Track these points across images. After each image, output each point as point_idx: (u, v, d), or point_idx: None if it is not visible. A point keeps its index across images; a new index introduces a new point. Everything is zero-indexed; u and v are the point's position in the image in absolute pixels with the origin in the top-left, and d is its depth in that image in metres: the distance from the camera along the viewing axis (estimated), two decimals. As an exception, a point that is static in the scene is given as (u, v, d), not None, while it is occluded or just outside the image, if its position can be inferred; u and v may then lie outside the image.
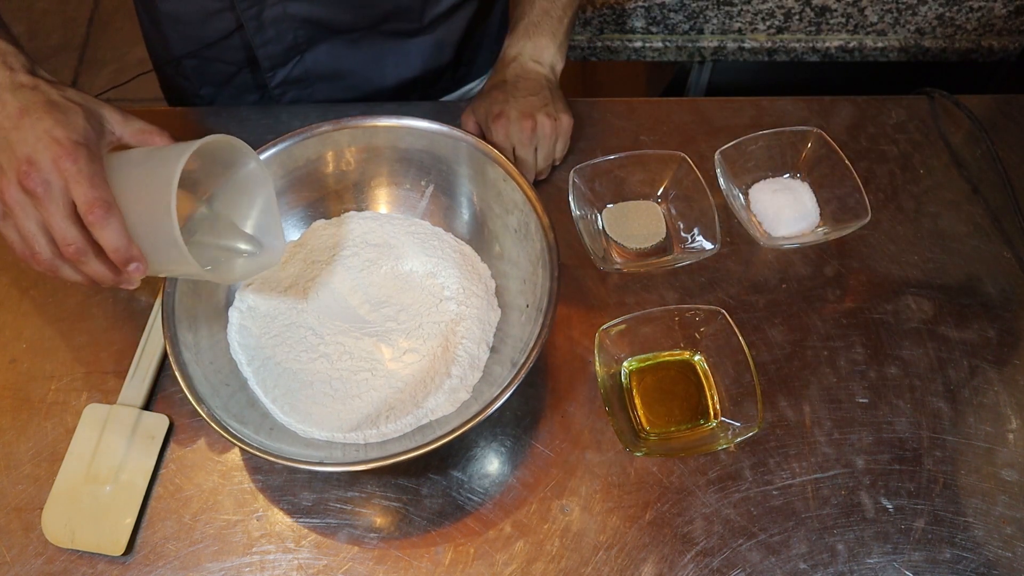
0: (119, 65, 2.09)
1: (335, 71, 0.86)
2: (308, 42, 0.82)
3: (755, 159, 0.79)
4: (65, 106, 0.53)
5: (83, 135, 0.52)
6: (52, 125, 0.51)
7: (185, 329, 0.61)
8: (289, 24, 0.79)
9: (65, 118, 0.52)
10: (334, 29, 0.81)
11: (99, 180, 0.51)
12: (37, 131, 0.51)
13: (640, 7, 1.05)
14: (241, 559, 0.61)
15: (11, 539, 0.62)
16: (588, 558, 0.61)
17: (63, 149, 0.50)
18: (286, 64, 0.83)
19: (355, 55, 0.85)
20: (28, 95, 0.53)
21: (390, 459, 0.55)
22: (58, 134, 0.51)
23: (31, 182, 0.50)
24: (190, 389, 0.57)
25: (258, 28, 0.78)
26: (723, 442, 0.64)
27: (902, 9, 1.05)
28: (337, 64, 0.85)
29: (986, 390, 0.69)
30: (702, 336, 0.68)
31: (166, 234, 0.51)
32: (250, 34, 0.79)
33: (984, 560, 0.61)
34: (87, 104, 0.55)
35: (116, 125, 0.57)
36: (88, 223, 0.51)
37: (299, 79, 0.85)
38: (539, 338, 0.59)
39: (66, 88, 0.56)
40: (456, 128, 0.69)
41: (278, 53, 0.81)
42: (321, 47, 0.83)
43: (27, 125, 0.51)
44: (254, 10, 0.76)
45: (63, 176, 0.50)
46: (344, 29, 0.82)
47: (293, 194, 0.72)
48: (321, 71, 0.85)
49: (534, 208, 0.64)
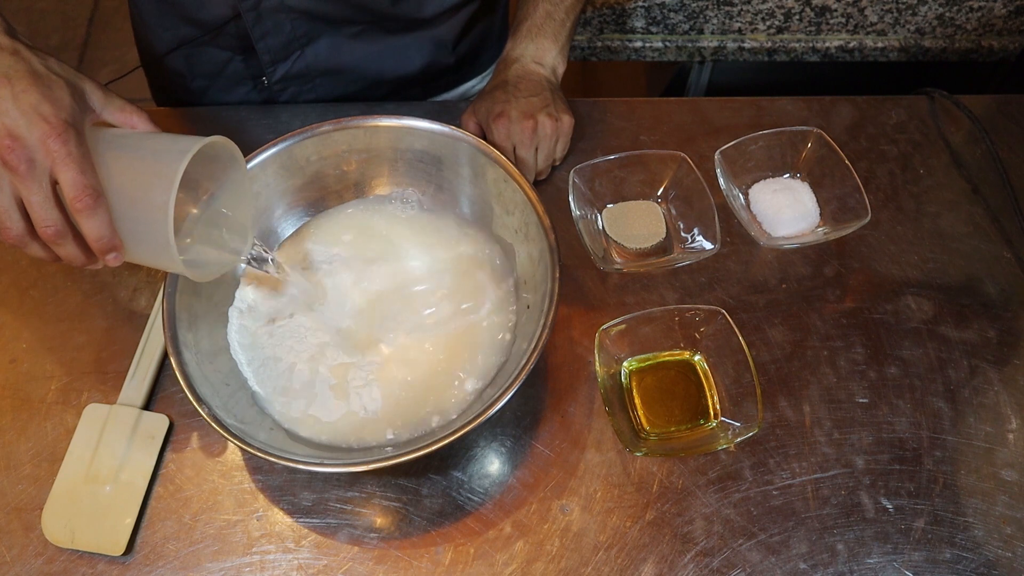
0: (119, 65, 2.09)
1: (336, 66, 0.86)
2: (308, 36, 0.82)
3: (755, 159, 0.79)
4: (49, 79, 0.51)
5: (70, 113, 0.51)
6: (39, 100, 0.50)
7: (185, 329, 0.61)
8: (287, 15, 0.79)
9: (51, 93, 0.50)
10: (334, 23, 0.81)
11: (87, 166, 0.50)
12: (22, 104, 0.49)
13: (640, 7, 1.05)
14: (241, 559, 0.61)
15: (11, 539, 0.62)
16: (588, 558, 0.61)
17: (52, 128, 0.49)
18: (287, 59, 0.83)
19: (356, 50, 0.85)
20: (9, 61, 0.51)
21: (390, 460, 0.55)
22: (45, 111, 0.49)
23: (14, 158, 0.48)
24: (190, 389, 0.57)
25: (256, 19, 0.78)
26: (723, 442, 0.64)
27: (902, 9, 1.05)
28: (338, 59, 0.85)
29: (986, 390, 0.69)
30: (702, 336, 0.68)
31: (157, 233, 0.51)
32: (248, 25, 0.78)
33: (984, 560, 0.61)
34: (70, 77, 0.53)
35: (97, 101, 0.55)
36: (74, 210, 0.50)
37: (300, 74, 0.85)
38: (540, 339, 0.59)
39: (47, 56, 0.54)
40: (457, 128, 0.69)
41: (278, 47, 0.81)
42: (321, 41, 0.83)
43: (9, 96, 0.49)
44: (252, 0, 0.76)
45: (50, 156, 0.49)
46: (344, 23, 0.82)
47: (293, 194, 0.72)
48: (322, 66, 0.85)
49: (535, 209, 0.64)
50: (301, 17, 0.79)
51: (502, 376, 0.63)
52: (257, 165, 0.68)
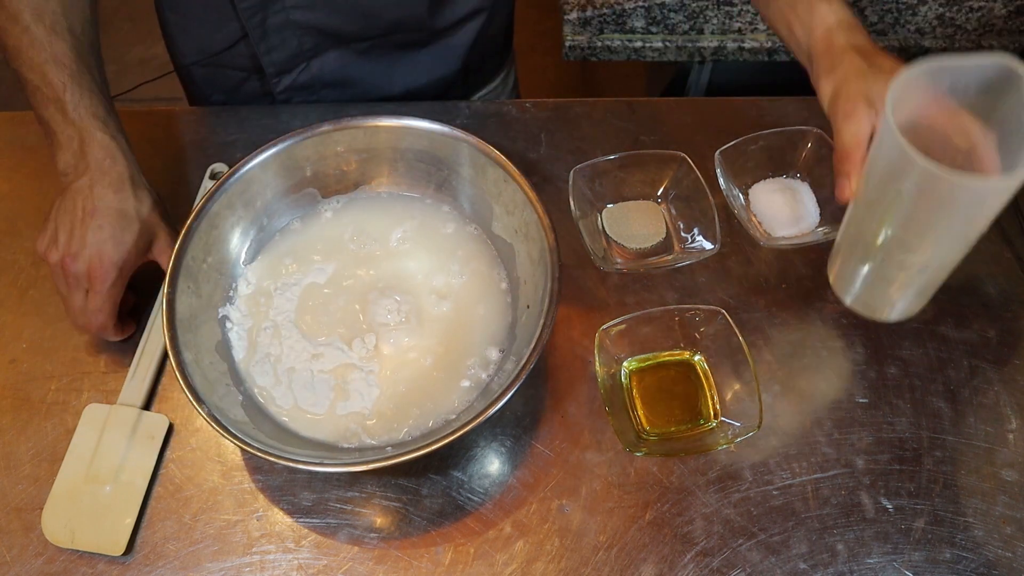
0: (119, 65, 2.09)
1: (343, 78, 0.86)
2: (315, 49, 0.82)
3: (755, 159, 0.79)
4: (128, 222, 0.64)
5: (124, 259, 0.64)
6: (106, 239, 0.63)
7: (185, 329, 0.61)
8: (293, 31, 0.79)
9: (121, 236, 0.64)
10: (342, 38, 0.81)
11: (109, 307, 0.65)
12: (93, 237, 0.63)
13: (640, 7, 1.05)
14: (241, 559, 0.61)
15: (11, 539, 0.62)
16: (588, 558, 0.61)
17: (101, 268, 0.63)
18: (291, 71, 0.83)
19: (364, 64, 0.85)
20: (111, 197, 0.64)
21: (390, 459, 0.55)
22: (106, 250, 0.63)
23: (67, 270, 0.63)
24: (190, 389, 0.57)
25: (262, 36, 0.78)
26: (723, 442, 0.64)
27: (902, 9, 1.05)
28: (345, 72, 0.85)
29: (986, 390, 0.69)
30: (702, 336, 0.68)
31: None
32: (254, 41, 0.79)
33: (984, 560, 0.61)
34: (148, 223, 0.66)
35: (160, 252, 0.67)
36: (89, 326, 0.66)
37: (305, 86, 0.85)
38: (539, 339, 0.59)
39: (146, 195, 0.66)
40: (457, 128, 0.68)
41: (283, 60, 0.81)
42: (330, 54, 0.83)
43: (90, 226, 0.63)
44: (258, 18, 0.76)
45: (88, 284, 0.64)
46: (352, 38, 0.82)
47: (293, 194, 0.72)
48: (328, 78, 0.85)
49: (535, 209, 0.64)
50: (309, 32, 0.79)
51: (502, 376, 0.63)
52: (257, 165, 0.68)
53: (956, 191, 0.46)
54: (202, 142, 0.84)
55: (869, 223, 0.55)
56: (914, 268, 0.55)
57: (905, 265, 0.55)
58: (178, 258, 0.63)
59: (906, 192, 0.49)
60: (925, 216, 0.50)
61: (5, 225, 0.78)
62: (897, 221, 0.52)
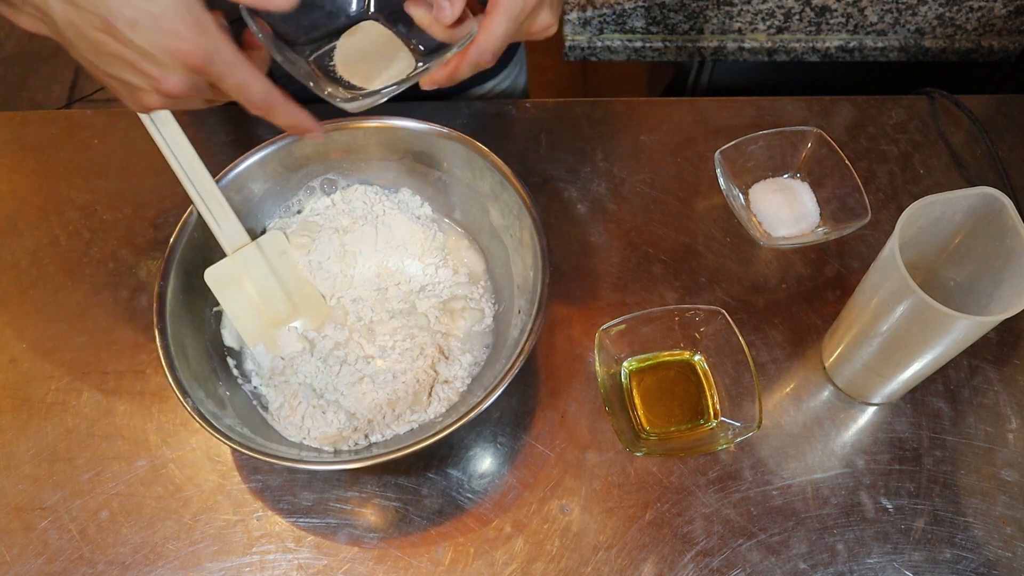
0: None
1: None
2: None
3: (755, 159, 0.79)
4: None
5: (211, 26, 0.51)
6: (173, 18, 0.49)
7: (179, 327, 0.61)
8: None
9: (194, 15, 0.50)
10: None
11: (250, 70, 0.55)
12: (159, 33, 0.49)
13: (640, 7, 1.05)
14: (241, 559, 0.61)
15: (11, 539, 0.62)
16: (588, 558, 0.61)
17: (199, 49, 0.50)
18: None
19: None
20: None
21: (384, 456, 0.55)
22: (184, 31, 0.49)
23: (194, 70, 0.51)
24: (181, 390, 0.57)
25: None
26: (723, 442, 0.64)
27: (902, 9, 1.05)
28: None
29: (986, 390, 0.69)
30: (702, 336, 0.68)
31: None
32: None
33: (984, 560, 0.61)
34: None
35: None
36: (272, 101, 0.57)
37: None
38: (527, 341, 0.58)
39: None
40: (454, 130, 0.68)
41: None
42: None
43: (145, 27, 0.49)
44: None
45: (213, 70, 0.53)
46: None
47: (291, 193, 0.72)
48: None
49: (529, 212, 0.64)
50: None
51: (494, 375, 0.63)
52: (256, 163, 0.68)
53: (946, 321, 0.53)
54: (203, 141, 0.84)
55: (868, 330, 0.60)
56: (906, 371, 0.61)
57: (898, 367, 0.62)
58: (171, 252, 0.63)
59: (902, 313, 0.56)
60: (919, 334, 0.57)
61: (5, 225, 0.78)
62: (894, 334, 0.58)
